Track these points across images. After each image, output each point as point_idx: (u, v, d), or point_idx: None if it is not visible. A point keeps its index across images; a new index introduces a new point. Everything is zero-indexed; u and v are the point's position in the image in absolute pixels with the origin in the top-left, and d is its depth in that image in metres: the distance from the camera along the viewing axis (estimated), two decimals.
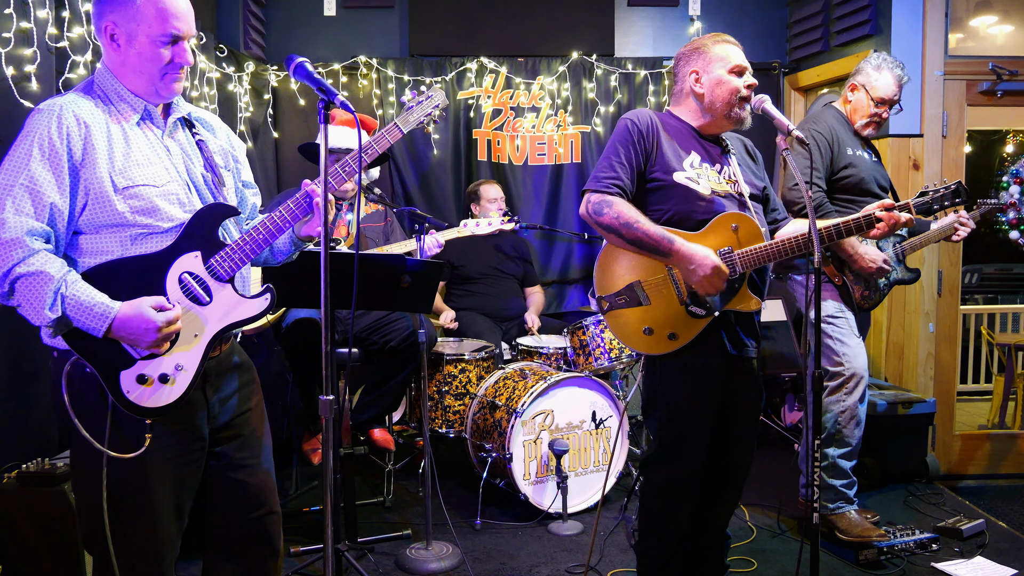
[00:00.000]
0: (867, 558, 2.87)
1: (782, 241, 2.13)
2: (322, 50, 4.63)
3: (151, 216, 1.65)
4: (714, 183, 2.20)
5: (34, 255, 1.54)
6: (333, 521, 1.84)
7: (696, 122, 2.28)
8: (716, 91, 2.21)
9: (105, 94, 1.70)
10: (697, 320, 2.15)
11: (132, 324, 1.57)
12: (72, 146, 1.59)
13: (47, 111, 1.61)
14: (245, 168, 1.98)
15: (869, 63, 3.08)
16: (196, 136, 1.82)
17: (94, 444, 1.61)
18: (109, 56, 1.70)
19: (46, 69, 2.60)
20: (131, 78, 1.69)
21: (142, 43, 1.65)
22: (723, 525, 2.38)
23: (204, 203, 1.74)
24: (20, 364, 2.53)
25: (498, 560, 2.97)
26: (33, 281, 1.53)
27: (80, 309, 1.55)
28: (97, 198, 1.61)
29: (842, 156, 3.00)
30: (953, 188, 2.23)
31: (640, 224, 2.11)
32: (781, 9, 4.81)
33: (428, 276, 2.77)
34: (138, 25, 1.64)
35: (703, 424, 2.20)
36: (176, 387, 1.66)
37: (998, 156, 7.81)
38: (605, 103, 4.70)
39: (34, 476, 2.30)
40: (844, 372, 2.98)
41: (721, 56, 2.23)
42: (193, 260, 1.68)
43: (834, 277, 3.01)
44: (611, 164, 2.18)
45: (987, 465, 4.06)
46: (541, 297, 4.51)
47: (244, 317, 1.74)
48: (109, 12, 1.65)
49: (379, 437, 3.56)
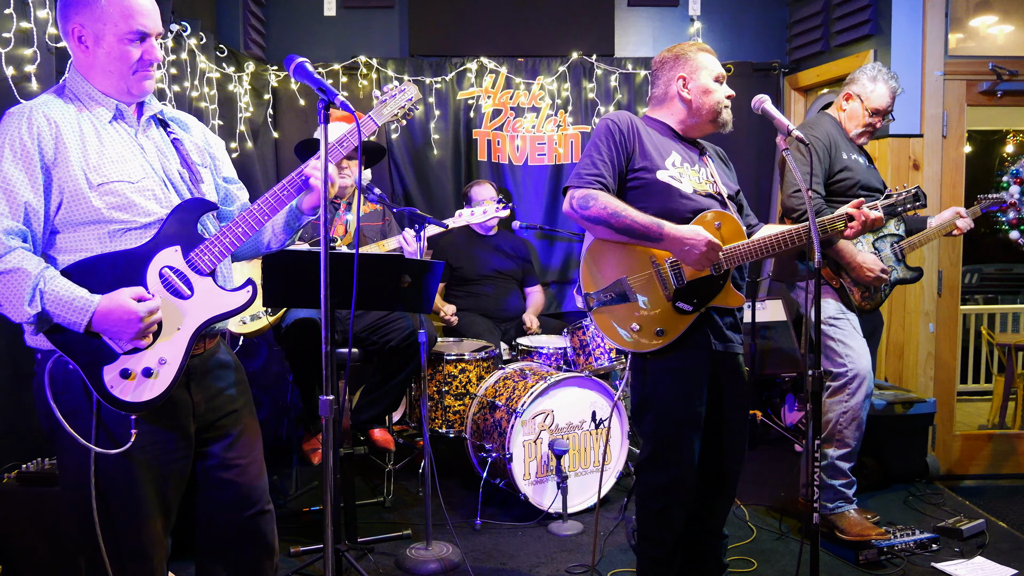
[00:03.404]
0: (867, 558, 2.87)
1: (766, 238, 2.18)
2: (322, 50, 4.64)
3: (128, 212, 1.66)
4: (695, 182, 2.23)
5: (10, 252, 1.54)
6: (333, 521, 1.84)
7: (678, 125, 2.32)
8: (703, 98, 2.26)
9: (76, 95, 1.70)
10: (684, 316, 2.17)
11: (113, 316, 1.57)
12: (43, 146, 1.60)
13: (17, 113, 1.62)
14: (225, 164, 1.97)
15: (864, 74, 3.09)
16: (171, 135, 1.82)
17: (79, 440, 1.61)
18: (78, 59, 1.70)
19: (46, 69, 2.60)
20: (101, 79, 1.70)
21: (110, 43, 1.66)
22: (720, 523, 2.38)
23: (182, 199, 1.75)
24: (20, 364, 2.53)
25: (498, 560, 2.97)
26: (10, 278, 1.53)
27: (59, 304, 1.55)
28: (72, 196, 1.62)
29: (838, 161, 3.02)
30: (913, 192, 2.39)
31: (628, 212, 2.13)
32: (781, 9, 4.81)
33: (428, 276, 2.77)
34: (104, 25, 1.65)
35: (694, 424, 2.22)
36: (160, 381, 1.66)
37: (998, 156, 7.81)
38: (605, 103, 4.70)
39: (34, 476, 2.30)
40: (847, 373, 2.98)
41: (705, 64, 2.28)
42: (173, 254, 1.68)
43: (831, 280, 3.01)
44: (593, 161, 2.20)
45: (987, 465, 4.06)
46: (541, 297, 4.51)
47: (226, 310, 1.73)
48: (75, 14, 1.66)
49: (379, 437, 3.56)
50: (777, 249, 2.18)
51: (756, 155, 4.74)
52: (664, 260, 2.17)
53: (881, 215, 2.26)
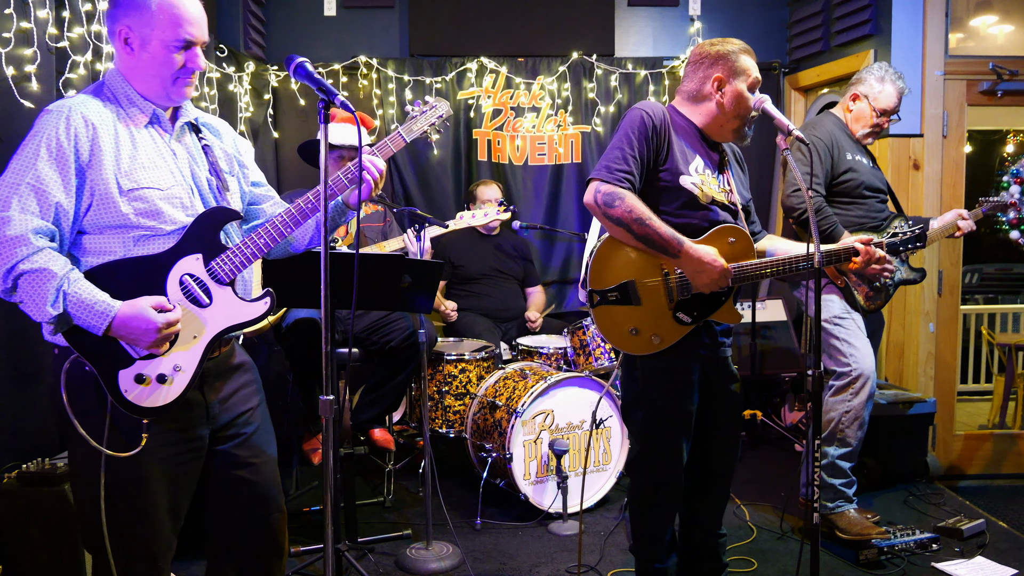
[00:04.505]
0: (867, 558, 2.87)
1: (775, 260, 2.19)
2: (322, 50, 4.64)
3: (154, 219, 1.67)
4: (713, 191, 2.21)
5: (38, 252, 1.56)
6: (333, 521, 1.84)
7: (704, 126, 2.26)
8: (736, 105, 2.18)
9: (115, 96, 1.72)
10: (682, 327, 2.18)
11: (132, 324, 1.59)
12: (79, 147, 1.61)
13: (56, 112, 1.63)
14: (253, 170, 1.99)
15: (872, 74, 3.08)
16: (202, 141, 1.83)
17: (91, 443, 1.62)
18: (122, 59, 1.72)
19: (46, 69, 2.60)
20: (142, 82, 1.71)
21: (155, 48, 1.67)
22: (716, 522, 2.38)
23: (207, 207, 1.76)
24: (20, 364, 2.53)
25: (498, 560, 2.97)
26: (36, 278, 1.54)
27: (81, 307, 1.56)
28: (102, 199, 1.63)
29: (842, 161, 3.01)
30: (918, 233, 2.37)
31: (652, 221, 2.08)
32: (781, 9, 4.81)
33: (428, 276, 2.77)
34: (152, 30, 1.66)
35: (684, 423, 2.22)
36: (174, 388, 1.67)
37: (998, 156, 7.81)
38: (605, 103, 4.70)
39: (34, 476, 2.30)
40: (851, 373, 2.98)
41: (744, 68, 2.18)
42: (194, 262, 1.69)
43: (836, 279, 3.01)
44: (624, 156, 2.12)
45: (987, 465, 4.06)
46: (542, 297, 4.51)
47: (243, 320, 1.74)
48: (124, 16, 1.68)
49: (379, 437, 3.56)
50: (786, 271, 2.18)
51: (756, 157, 4.74)
52: (675, 270, 2.16)
53: (884, 253, 2.28)
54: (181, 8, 1.68)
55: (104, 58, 2.92)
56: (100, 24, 2.88)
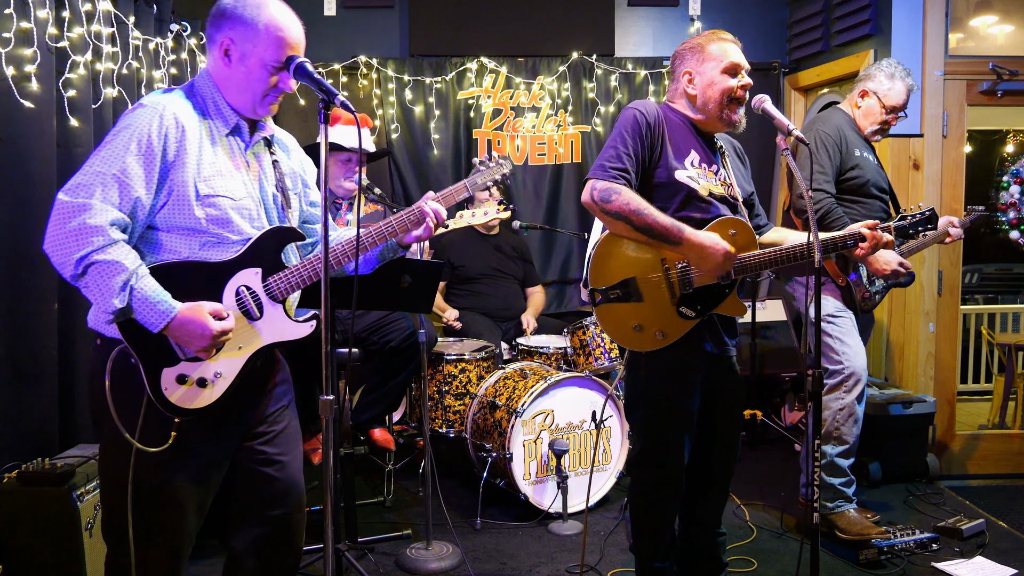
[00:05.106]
0: (867, 558, 2.87)
1: (779, 251, 2.16)
2: (322, 50, 4.64)
3: (223, 227, 1.70)
4: (711, 184, 2.21)
5: (113, 244, 1.58)
6: (333, 521, 1.84)
7: (694, 119, 2.28)
8: (707, 92, 2.21)
9: (204, 101, 1.74)
10: (686, 321, 2.17)
11: (189, 326, 1.61)
12: (167, 146, 1.64)
13: (151, 108, 1.65)
14: (313, 190, 2.01)
15: (882, 70, 3.07)
16: (273, 156, 1.86)
17: (124, 434, 1.64)
18: (217, 67, 1.74)
19: (46, 69, 2.60)
20: (233, 93, 1.74)
21: (253, 64, 1.70)
22: (715, 522, 2.38)
23: (271, 222, 1.80)
24: (20, 364, 2.52)
25: (498, 560, 2.97)
26: (107, 269, 1.57)
27: (144, 303, 1.59)
28: (178, 200, 1.66)
29: (850, 157, 3.01)
30: (928, 215, 2.33)
31: (650, 211, 2.09)
32: (781, 9, 4.82)
33: (428, 276, 2.77)
34: (254, 47, 1.69)
35: (686, 422, 2.22)
36: (212, 393, 1.70)
37: (998, 156, 7.80)
38: (605, 103, 4.70)
39: (34, 476, 2.30)
40: (843, 371, 2.99)
41: (716, 55, 2.21)
42: (253, 276, 1.73)
43: (838, 278, 3.01)
44: (618, 154, 2.14)
45: (987, 465, 4.06)
46: (542, 297, 4.51)
47: (288, 338, 1.80)
48: (229, 28, 1.70)
49: (379, 437, 3.56)
50: (789, 262, 2.17)
51: (756, 155, 4.73)
52: (675, 264, 2.16)
53: (892, 238, 2.24)
54: (287, 32, 1.70)
55: (104, 58, 2.92)
56: (100, 24, 2.88)
